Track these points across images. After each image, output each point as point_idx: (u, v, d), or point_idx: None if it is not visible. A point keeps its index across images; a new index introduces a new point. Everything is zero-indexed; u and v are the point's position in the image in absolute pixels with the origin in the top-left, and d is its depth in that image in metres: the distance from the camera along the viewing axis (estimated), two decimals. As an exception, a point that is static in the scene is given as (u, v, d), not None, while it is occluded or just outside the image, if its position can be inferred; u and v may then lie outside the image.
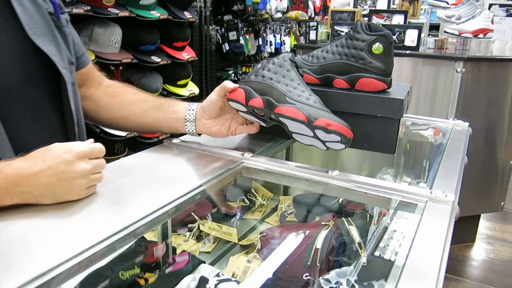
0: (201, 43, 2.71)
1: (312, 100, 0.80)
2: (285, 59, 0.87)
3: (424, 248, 0.57)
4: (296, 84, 0.83)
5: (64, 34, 0.82)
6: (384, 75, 0.93)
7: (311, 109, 0.77)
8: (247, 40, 3.26)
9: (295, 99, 0.80)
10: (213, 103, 0.88)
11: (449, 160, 0.90)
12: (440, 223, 0.63)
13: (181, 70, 2.33)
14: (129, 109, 0.93)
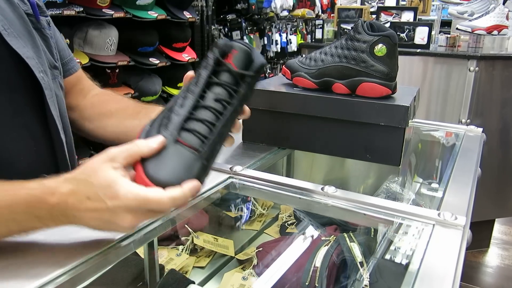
0: (203, 43, 2.64)
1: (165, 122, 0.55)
2: (214, 48, 0.58)
3: (430, 284, 0.49)
4: (187, 94, 0.56)
5: (45, 36, 0.77)
6: (387, 80, 0.85)
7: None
8: (251, 39, 3.18)
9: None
10: None
11: (460, 173, 0.81)
12: (449, 252, 0.55)
13: (181, 71, 2.25)
14: (108, 119, 0.86)
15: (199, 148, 0.52)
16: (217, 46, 0.57)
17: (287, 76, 0.98)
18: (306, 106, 0.91)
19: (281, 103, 0.93)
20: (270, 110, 0.94)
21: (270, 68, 3.70)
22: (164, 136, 0.52)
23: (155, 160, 0.50)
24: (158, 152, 0.51)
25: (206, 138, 0.53)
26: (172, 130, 0.52)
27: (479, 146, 0.99)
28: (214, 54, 0.56)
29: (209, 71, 0.56)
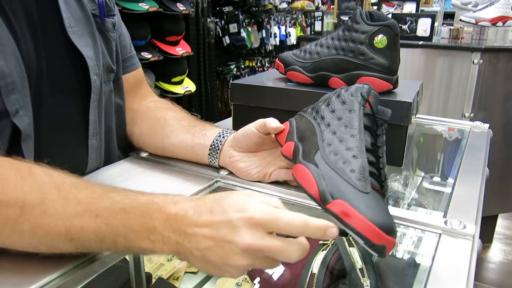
0: (198, 36, 2.57)
1: (350, 166, 0.51)
2: (355, 93, 0.59)
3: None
4: (348, 135, 0.55)
5: (108, 39, 0.76)
6: (388, 73, 0.78)
7: (336, 181, 0.50)
8: (249, 32, 3.11)
9: (326, 159, 0.53)
10: (248, 135, 0.68)
11: (467, 174, 0.75)
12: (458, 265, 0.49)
13: (175, 66, 2.19)
14: (159, 126, 0.79)
15: (384, 193, 0.52)
16: (360, 90, 0.58)
17: (281, 70, 0.92)
18: (301, 102, 0.84)
19: (273, 99, 0.87)
20: (262, 107, 0.88)
21: (269, 61, 3.62)
22: (356, 177, 0.50)
23: (366, 202, 0.48)
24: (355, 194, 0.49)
25: (383, 181, 0.53)
26: (363, 173, 0.51)
27: (486, 144, 0.93)
28: (362, 100, 0.57)
29: (359, 113, 0.56)
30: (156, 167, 0.77)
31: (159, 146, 0.78)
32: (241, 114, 0.91)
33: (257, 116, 0.89)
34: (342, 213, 0.47)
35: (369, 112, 0.56)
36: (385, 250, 0.44)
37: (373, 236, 0.44)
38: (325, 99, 0.62)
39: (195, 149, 0.73)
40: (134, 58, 0.86)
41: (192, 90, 2.30)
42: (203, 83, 2.67)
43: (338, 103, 0.59)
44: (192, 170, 0.74)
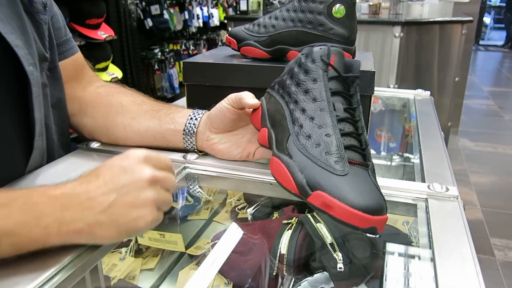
0: (119, 19, 2.40)
1: (325, 148, 0.47)
2: (313, 58, 0.52)
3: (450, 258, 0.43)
4: (317, 110, 0.49)
5: (38, 22, 0.63)
6: (348, 43, 0.77)
7: (312, 170, 0.46)
8: (171, 14, 2.97)
9: (299, 145, 0.49)
10: (223, 113, 0.63)
11: (428, 141, 0.77)
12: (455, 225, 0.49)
13: (98, 52, 2.03)
14: (117, 114, 0.70)
15: (367, 162, 0.48)
16: (319, 54, 0.52)
17: (233, 46, 0.87)
18: (259, 78, 0.81)
19: (230, 77, 0.82)
20: (218, 85, 0.83)
21: (193, 44, 3.52)
22: (333, 160, 0.46)
23: (345, 186, 0.44)
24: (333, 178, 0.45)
25: (364, 150, 0.48)
26: (339, 153, 0.46)
27: (434, 110, 0.97)
28: (324, 65, 0.51)
29: (323, 81, 0.51)
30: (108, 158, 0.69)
31: (120, 136, 0.70)
32: (195, 94, 0.85)
33: (214, 96, 0.84)
34: (323, 205, 0.44)
35: (335, 74, 0.51)
36: (376, 230, 0.43)
37: (360, 222, 0.42)
38: (288, 70, 0.57)
39: (166, 135, 0.67)
40: (70, 41, 0.76)
41: (119, 77, 2.16)
42: (128, 69, 2.51)
43: (301, 74, 0.53)
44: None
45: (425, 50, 2.29)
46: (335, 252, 0.83)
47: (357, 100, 0.52)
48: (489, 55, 7.97)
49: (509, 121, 3.95)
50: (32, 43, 0.61)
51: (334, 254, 0.82)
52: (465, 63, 2.48)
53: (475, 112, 4.28)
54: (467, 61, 2.52)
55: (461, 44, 2.37)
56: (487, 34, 9.41)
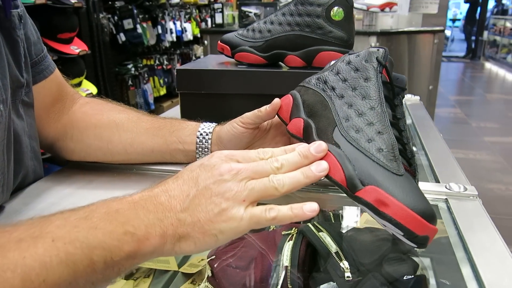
0: (91, 34, 2.33)
1: (376, 144, 0.44)
2: (369, 57, 0.50)
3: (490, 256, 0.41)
4: (366, 108, 0.47)
5: (14, 40, 0.54)
6: (347, 47, 0.76)
7: (363, 163, 0.43)
8: (144, 29, 2.93)
9: (347, 137, 0.46)
10: (237, 137, 0.59)
11: (431, 143, 0.76)
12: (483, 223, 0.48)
13: (72, 67, 1.95)
14: (112, 135, 0.63)
15: (415, 172, 0.47)
16: (375, 54, 0.50)
17: (226, 52, 0.84)
18: (257, 84, 0.78)
19: (226, 84, 0.79)
20: (214, 93, 0.80)
21: (167, 59, 3.47)
22: (388, 158, 0.43)
23: (403, 186, 0.41)
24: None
25: (411, 158, 0.47)
26: (393, 152, 0.44)
27: (427, 113, 0.97)
28: (378, 66, 0.49)
29: (377, 81, 0.49)
30: (105, 175, 0.64)
31: (120, 158, 0.64)
32: (190, 103, 0.81)
33: (210, 104, 0.81)
34: (377, 201, 0.40)
35: (385, 80, 0.49)
36: (427, 241, 0.39)
37: (416, 227, 0.38)
38: (330, 67, 0.55)
39: (175, 155, 0.63)
40: (47, 57, 0.65)
41: (93, 93, 2.08)
42: (102, 85, 2.43)
43: (349, 71, 0.51)
44: (154, 170, 0.64)
45: (400, 59, 2.35)
46: (341, 261, 0.80)
47: (402, 112, 0.50)
48: (451, 65, 8.28)
49: (476, 128, 4.08)
50: (5, 71, 0.51)
51: (341, 263, 0.79)
52: (436, 72, 2.55)
53: (444, 120, 4.41)
54: (438, 70, 2.59)
55: (433, 53, 2.44)
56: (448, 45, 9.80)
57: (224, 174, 0.40)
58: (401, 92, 0.51)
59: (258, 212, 0.39)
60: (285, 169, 0.42)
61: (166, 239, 0.37)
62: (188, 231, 0.38)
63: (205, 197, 0.39)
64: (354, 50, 1.12)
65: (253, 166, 0.41)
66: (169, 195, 0.39)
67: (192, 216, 0.38)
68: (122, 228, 0.35)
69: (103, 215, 0.36)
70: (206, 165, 0.41)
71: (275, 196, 0.40)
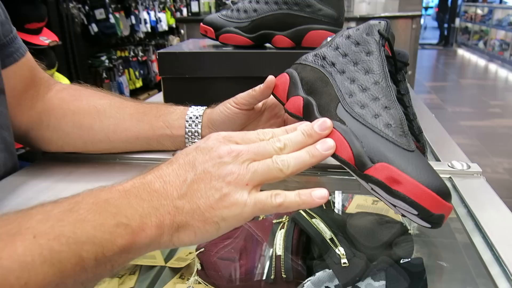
0: (62, 24, 2.23)
1: (384, 120, 0.41)
2: (370, 30, 0.47)
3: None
4: (371, 82, 0.44)
5: None
6: (337, 25, 0.73)
7: (372, 139, 0.40)
8: (117, 19, 2.83)
9: (352, 112, 0.43)
10: (231, 118, 0.56)
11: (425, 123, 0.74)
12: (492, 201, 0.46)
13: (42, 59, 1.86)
14: (93, 121, 0.57)
15: (424, 148, 0.46)
16: (377, 27, 0.47)
17: (210, 34, 0.80)
18: (244, 66, 0.75)
19: (212, 67, 0.75)
20: (199, 77, 0.75)
21: (143, 50, 3.38)
22: (397, 133, 0.40)
23: (415, 162, 0.38)
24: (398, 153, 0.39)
25: (419, 135, 0.46)
26: (402, 127, 0.41)
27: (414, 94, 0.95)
28: (381, 39, 0.46)
29: (380, 55, 0.46)
30: (86, 165, 0.59)
31: (103, 146, 0.59)
32: (173, 88, 0.77)
33: (194, 89, 0.77)
34: (389, 179, 0.37)
35: (387, 54, 0.47)
36: (443, 220, 0.37)
37: (432, 205, 0.36)
38: (328, 43, 0.52)
39: (162, 141, 0.58)
40: (17, 39, 0.60)
41: (66, 85, 2.00)
42: (75, 78, 2.34)
43: (349, 45, 0.47)
44: (139, 159, 0.59)
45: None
46: (336, 247, 0.77)
47: (406, 88, 0.48)
48: (425, 53, 8.40)
49: (452, 113, 4.15)
50: None
51: (336, 249, 0.77)
52: (415, 58, 2.56)
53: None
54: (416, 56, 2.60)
55: (411, 38, 2.45)
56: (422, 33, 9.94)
57: (223, 156, 0.36)
58: (403, 67, 0.49)
59: (263, 198, 0.35)
60: (289, 149, 0.39)
61: (163, 230, 0.33)
62: (187, 220, 0.34)
63: (204, 182, 0.35)
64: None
65: (255, 147, 0.38)
66: (164, 181, 0.35)
67: (191, 203, 0.34)
68: (113, 220, 0.31)
69: (91, 206, 0.32)
70: (203, 147, 0.37)
71: (279, 178, 0.37)
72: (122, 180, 0.36)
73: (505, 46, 6.66)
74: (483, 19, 7.70)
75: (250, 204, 0.35)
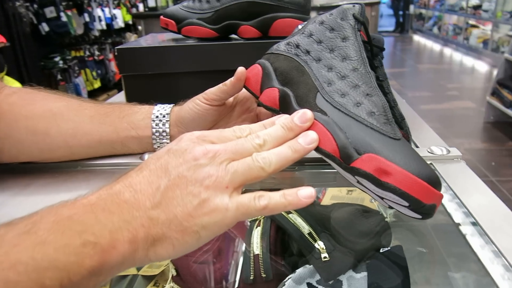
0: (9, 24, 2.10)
1: (365, 108, 0.39)
2: (344, 15, 0.45)
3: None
4: (349, 69, 0.42)
5: None
6: (304, 12, 0.70)
7: (356, 129, 0.38)
8: (70, 17, 2.70)
9: (333, 102, 0.40)
10: (201, 115, 0.52)
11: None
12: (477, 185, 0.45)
13: (-10, 62, 1.75)
14: (49, 126, 0.52)
15: (408, 136, 0.45)
16: (351, 11, 0.45)
17: (171, 27, 0.75)
18: (210, 60, 0.71)
19: (175, 62, 0.71)
20: (162, 73, 0.71)
21: (98, 49, 3.25)
22: (381, 121, 0.38)
23: (403, 151, 0.36)
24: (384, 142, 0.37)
25: (401, 121, 0.44)
26: (386, 114, 0.39)
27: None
28: (356, 23, 0.45)
29: (357, 40, 0.44)
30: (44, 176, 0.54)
31: (62, 153, 0.54)
32: (136, 86, 0.72)
33: (158, 86, 0.72)
34: (378, 170, 0.35)
35: (364, 40, 0.44)
36: (434, 210, 0.35)
37: (424, 195, 0.34)
38: (300, 31, 0.49)
39: (127, 143, 0.54)
40: None
41: (18, 89, 1.88)
42: (27, 81, 2.21)
43: (324, 31, 0.45)
44: (103, 165, 0.55)
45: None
46: (315, 242, 0.75)
47: (384, 73, 0.46)
48: (382, 40, 8.57)
49: (412, 97, 4.26)
50: None
51: (315, 244, 0.75)
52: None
53: (382, 92, 4.55)
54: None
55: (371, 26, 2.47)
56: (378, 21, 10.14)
57: (199, 158, 0.33)
58: (379, 52, 0.47)
59: (246, 201, 0.32)
60: (269, 146, 0.36)
61: (138, 245, 0.30)
62: (163, 232, 0.30)
63: (180, 188, 0.31)
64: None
65: (232, 145, 0.34)
66: (134, 190, 0.31)
67: (167, 213, 0.31)
68: (79, 239, 0.27)
69: (51, 225, 0.27)
70: (176, 149, 0.34)
71: (262, 177, 0.34)
72: (87, 192, 0.32)
73: (458, 30, 6.89)
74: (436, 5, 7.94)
75: (232, 208, 0.32)
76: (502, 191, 2.18)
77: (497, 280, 0.34)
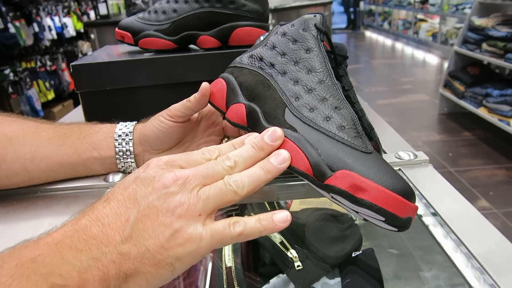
0: (-49, 39, 1.98)
1: (335, 122, 0.39)
2: (306, 25, 0.44)
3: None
4: (315, 82, 0.41)
5: None
6: (262, 20, 0.70)
7: (327, 145, 0.37)
8: (18, 28, 2.58)
9: (302, 117, 0.40)
10: (165, 133, 0.50)
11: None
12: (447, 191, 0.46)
13: None
14: (5, 151, 0.48)
15: (378, 146, 0.45)
16: (313, 21, 0.45)
17: (128, 40, 0.73)
18: (170, 72, 0.69)
19: (134, 76, 0.68)
20: (121, 88, 0.69)
21: (50, 59, 3.12)
22: (351, 135, 0.38)
23: (376, 165, 0.36)
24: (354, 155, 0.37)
25: (370, 132, 0.44)
26: (356, 128, 0.39)
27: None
28: (319, 34, 0.44)
29: (321, 51, 0.43)
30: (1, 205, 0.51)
31: (20, 179, 0.51)
32: (94, 103, 0.69)
33: (118, 102, 0.70)
34: (352, 187, 0.34)
35: (327, 49, 0.44)
36: (410, 222, 0.35)
37: (400, 209, 0.34)
38: (262, 43, 0.48)
39: (90, 165, 0.51)
40: None
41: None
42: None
43: (286, 43, 0.44)
44: (65, 189, 0.52)
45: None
46: (288, 251, 0.75)
47: (349, 82, 0.45)
48: (335, 37, 8.76)
49: (369, 93, 4.37)
50: None
51: (288, 252, 0.75)
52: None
53: (340, 89, 4.64)
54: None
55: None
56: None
57: (169, 185, 0.31)
58: (343, 61, 0.47)
59: (220, 228, 0.31)
60: (240, 167, 0.35)
61: (109, 283, 0.28)
62: (135, 266, 0.29)
63: (150, 219, 0.30)
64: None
65: (202, 169, 0.33)
66: (102, 224, 0.30)
67: (138, 246, 0.29)
68: (46, 283, 0.26)
69: (14, 270, 0.26)
70: (144, 177, 0.32)
71: (234, 201, 0.33)
72: (51, 229, 0.30)
73: (407, 25, 7.14)
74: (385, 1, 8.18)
75: (207, 237, 0.31)
76: (461, 181, 2.27)
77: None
